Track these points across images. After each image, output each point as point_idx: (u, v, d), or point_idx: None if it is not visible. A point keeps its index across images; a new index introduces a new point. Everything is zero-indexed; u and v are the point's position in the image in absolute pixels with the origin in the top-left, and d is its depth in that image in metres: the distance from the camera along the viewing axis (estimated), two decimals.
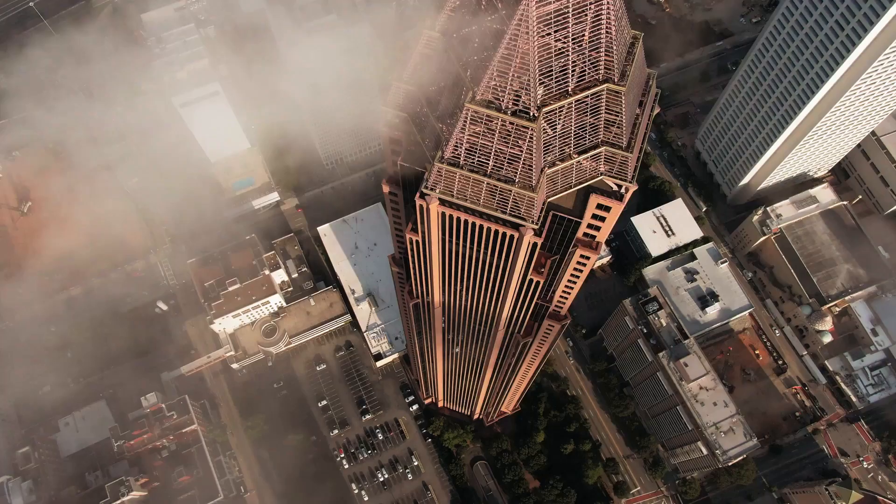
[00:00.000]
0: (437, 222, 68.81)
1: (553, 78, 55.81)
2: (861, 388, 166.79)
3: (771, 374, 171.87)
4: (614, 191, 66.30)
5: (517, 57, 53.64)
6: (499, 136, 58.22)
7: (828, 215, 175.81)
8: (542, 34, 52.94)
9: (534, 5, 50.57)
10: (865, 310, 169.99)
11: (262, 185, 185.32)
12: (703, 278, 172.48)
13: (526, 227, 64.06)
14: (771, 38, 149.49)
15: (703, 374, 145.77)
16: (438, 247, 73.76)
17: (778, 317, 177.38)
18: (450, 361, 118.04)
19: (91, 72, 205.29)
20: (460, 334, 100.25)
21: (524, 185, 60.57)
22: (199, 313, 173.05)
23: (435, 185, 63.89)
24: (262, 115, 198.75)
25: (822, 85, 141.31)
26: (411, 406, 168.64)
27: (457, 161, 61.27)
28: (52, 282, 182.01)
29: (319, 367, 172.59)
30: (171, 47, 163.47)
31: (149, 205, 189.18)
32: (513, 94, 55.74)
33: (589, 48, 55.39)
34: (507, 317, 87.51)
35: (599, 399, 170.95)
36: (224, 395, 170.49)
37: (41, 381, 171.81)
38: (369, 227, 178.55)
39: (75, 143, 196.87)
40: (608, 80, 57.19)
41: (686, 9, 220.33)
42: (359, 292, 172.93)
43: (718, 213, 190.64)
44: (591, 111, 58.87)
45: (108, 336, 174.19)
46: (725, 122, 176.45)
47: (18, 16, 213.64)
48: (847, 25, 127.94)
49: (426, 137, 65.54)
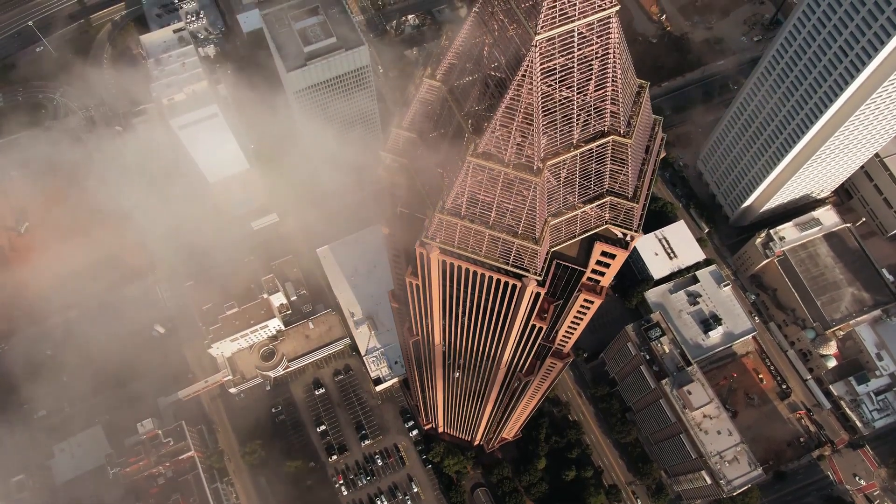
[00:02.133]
0: (438, 269, 67.25)
1: (557, 130, 54.38)
2: (866, 414, 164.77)
3: (775, 399, 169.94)
4: (619, 238, 64.84)
5: (520, 109, 52.23)
6: (501, 188, 56.72)
7: (831, 238, 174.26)
8: (546, 86, 51.57)
9: (538, 59, 49.19)
10: (870, 334, 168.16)
11: (260, 205, 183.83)
12: (705, 301, 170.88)
13: (529, 277, 62.46)
14: (774, 61, 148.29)
15: (707, 402, 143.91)
16: (439, 292, 72.17)
17: (781, 340, 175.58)
18: (450, 392, 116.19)
19: (90, 91, 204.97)
20: (461, 370, 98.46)
21: (527, 238, 59.02)
22: (196, 336, 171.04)
23: (435, 235, 62.34)
24: (262, 135, 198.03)
25: (827, 108, 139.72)
26: (411, 431, 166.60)
27: (458, 211, 59.75)
28: (49, 303, 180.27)
29: (318, 391, 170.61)
30: (169, 69, 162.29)
31: (147, 226, 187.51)
32: (515, 146, 54.31)
33: (594, 99, 54.00)
34: (508, 358, 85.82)
35: (601, 424, 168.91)
36: (221, 420, 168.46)
37: (37, 406, 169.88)
38: (369, 248, 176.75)
39: (73, 161, 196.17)
40: (614, 132, 55.78)
41: (687, 27, 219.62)
42: (358, 315, 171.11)
43: (721, 235, 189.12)
44: (596, 162, 57.44)
45: (105, 359, 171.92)
46: (728, 144, 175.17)
47: (17, 34, 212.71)
48: (854, 48, 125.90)
49: (426, 184, 64.06)
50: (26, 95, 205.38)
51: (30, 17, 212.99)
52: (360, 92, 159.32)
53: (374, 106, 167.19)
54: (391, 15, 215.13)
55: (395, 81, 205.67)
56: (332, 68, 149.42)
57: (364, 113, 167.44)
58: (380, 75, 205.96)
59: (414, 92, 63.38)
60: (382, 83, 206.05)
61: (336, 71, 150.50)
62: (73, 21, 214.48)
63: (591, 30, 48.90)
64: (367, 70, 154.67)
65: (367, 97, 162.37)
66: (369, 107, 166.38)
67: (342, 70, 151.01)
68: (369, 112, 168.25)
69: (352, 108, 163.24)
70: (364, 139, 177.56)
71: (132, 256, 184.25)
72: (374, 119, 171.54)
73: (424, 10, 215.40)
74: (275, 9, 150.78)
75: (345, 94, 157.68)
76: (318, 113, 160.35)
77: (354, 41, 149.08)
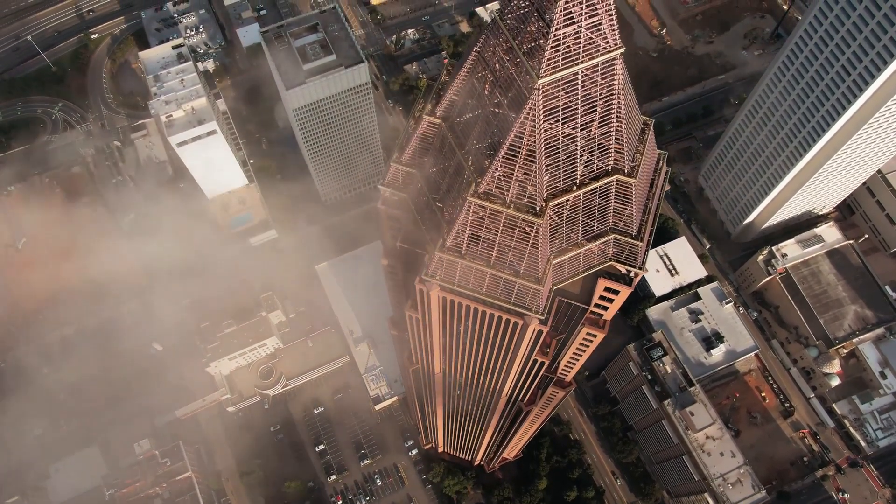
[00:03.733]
0: (438, 305, 65.98)
1: (560, 169, 53.31)
2: (870, 433, 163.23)
3: (778, 418, 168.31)
4: (623, 274, 63.69)
5: (523, 150, 51.18)
6: (503, 228, 55.58)
7: (834, 255, 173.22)
8: (549, 126, 50.49)
9: (541, 101, 48.12)
10: (873, 352, 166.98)
11: (259, 222, 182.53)
12: (707, 319, 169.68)
13: (531, 316, 61.19)
14: (776, 78, 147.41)
15: (710, 423, 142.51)
16: (439, 326, 70.90)
17: (784, 358, 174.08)
18: (450, 417, 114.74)
19: (89, 106, 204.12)
20: (460, 390, 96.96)
21: (529, 278, 57.82)
22: (194, 354, 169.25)
23: (435, 273, 61.14)
24: (261, 151, 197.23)
25: (830, 126, 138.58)
26: (410, 451, 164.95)
27: (458, 250, 58.58)
28: (46, 320, 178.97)
29: (317, 409, 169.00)
30: (168, 85, 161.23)
31: (145, 242, 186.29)
32: (517, 186, 53.19)
33: (598, 138, 52.92)
34: (509, 390, 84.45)
35: (603, 443, 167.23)
36: (219, 440, 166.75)
37: (33, 424, 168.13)
38: (368, 265, 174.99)
39: (71, 178, 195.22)
40: (618, 171, 54.68)
41: (688, 41, 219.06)
42: (357, 333, 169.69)
43: (722, 251, 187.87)
44: (600, 200, 56.30)
45: (102, 377, 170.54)
46: (729, 160, 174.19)
47: (16, 48, 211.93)
48: (857, 67, 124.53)
49: (426, 220, 62.90)
50: (25, 110, 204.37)
51: (29, 31, 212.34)
52: (360, 108, 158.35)
53: (374, 122, 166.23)
54: (391, 29, 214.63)
55: (396, 96, 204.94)
56: (331, 86, 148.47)
57: (364, 129, 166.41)
58: (380, 90, 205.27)
59: (413, 125, 62.31)
60: (382, 98, 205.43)
61: (335, 88, 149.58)
62: (73, 35, 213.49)
63: (595, 71, 47.88)
64: (367, 87, 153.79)
65: (367, 113, 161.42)
66: (369, 123, 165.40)
67: (342, 87, 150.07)
68: (369, 128, 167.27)
69: (352, 124, 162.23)
70: (364, 154, 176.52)
71: (130, 273, 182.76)
72: (374, 135, 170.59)
73: (424, 25, 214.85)
74: (274, 26, 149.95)
75: (345, 110, 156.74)
76: (319, 129, 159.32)
77: (354, 58, 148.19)
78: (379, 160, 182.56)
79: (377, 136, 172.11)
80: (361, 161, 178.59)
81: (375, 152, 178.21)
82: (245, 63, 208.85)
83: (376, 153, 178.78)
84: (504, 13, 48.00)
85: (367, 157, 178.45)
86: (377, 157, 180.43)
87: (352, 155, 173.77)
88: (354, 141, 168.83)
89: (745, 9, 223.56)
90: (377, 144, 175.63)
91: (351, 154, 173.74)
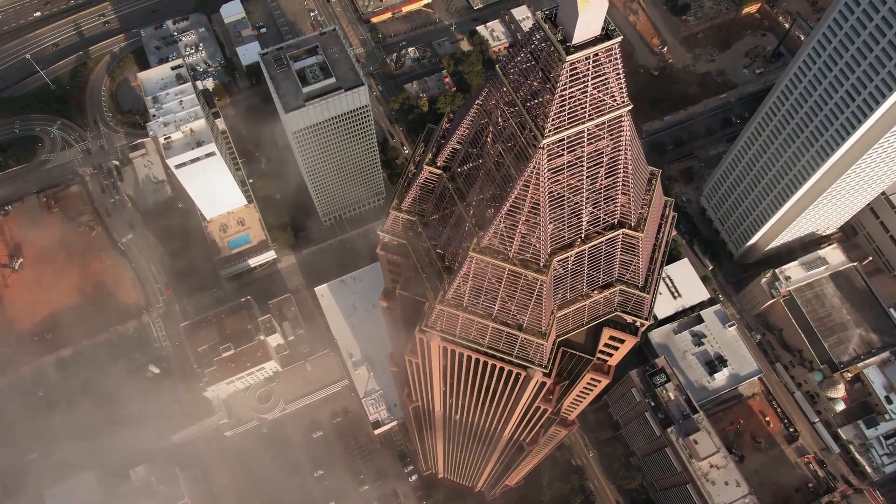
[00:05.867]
0: (439, 354, 64.34)
1: (565, 224, 51.75)
2: (876, 458, 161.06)
3: (782, 443, 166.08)
4: (629, 323, 62.08)
5: (526, 205, 49.63)
6: (505, 283, 54.04)
7: (838, 277, 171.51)
8: (554, 183, 48.98)
9: (546, 159, 46.65)
10: (879, 376, 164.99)
11: (258, 242, 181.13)
12: (710, 342, 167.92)
13: (534, 369, 59.54)
14: (780, 101, 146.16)
15: (714, 451, 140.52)
16: (440, 372, 69.21)
17: (788, 382, 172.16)
18: (451, 451, 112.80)
19: (88, 124, 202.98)
20: (461, 436, 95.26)
21: (533, 332, 56.18)
22: (191, 377, 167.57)
23: (435, 323, 59.51)
24: (260, 170, 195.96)
25: (836, 149, 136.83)
26: (410, 476, 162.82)
27: (460, 302, 57.00)
28: (43, 342, 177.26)
29: (316, 434, 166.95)
30: (167, 107, 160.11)
31: (143, 263, 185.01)
32: (521, 242, 51.61)
33: (604, 191, 51.39)
34: (510, 432, 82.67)
35: (605, 469, 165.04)
36: (217, 465, 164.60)
37: (28, 448, 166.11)
38: (368, 287, 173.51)
39: (69, 197, 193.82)
40: (625, 225, 53.16)
41: (689, 59, 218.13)
42: (357, 356, 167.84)
43: (725, 272, 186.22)
44: (606, 254, 54.76)
45: (98, 400, 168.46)
46: (732, 182, 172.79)
47: (14, 66, 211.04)
48: (867, 86, 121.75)
49: (426, 267, 61.34)
50: (23, 128, 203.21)
51: (27, 49, 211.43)
52: (360, 130, 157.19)
53: (373, 143, 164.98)
54: (391, 48, 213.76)
55: (396, 115, 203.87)
56: (331, 109, 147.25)
57: (364, 150, 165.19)
58: (380, 109, 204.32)
59: (413, 171, 60.91)
60: (382, 116, 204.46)
61: (335, 111, 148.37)
62: (72, 53, 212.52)
63: (602, 128, 46.44)
64: (367, 109, 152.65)
65: (366, 135, 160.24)
66: (369, 144, 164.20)
67: (341, 110, 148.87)
68: (369, 150, 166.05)
69: (352, 146, 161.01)
70: (364, 175, 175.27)
71: (127, 294, 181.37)
72: (373, 156, 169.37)
73: (425, 43, 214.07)
74: (273, 49, 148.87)
75: (344, 133, 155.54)
76: (318, 151, 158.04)
77: (354, 81, 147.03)
78: (379, 181, 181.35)
79: (377, 157, 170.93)
80: (361, 182, 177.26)
81: (375, 173, 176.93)
82: (245, 81, 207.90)
83: (376, 174, 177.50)
84: (507, 67, 46.56)
85: (367, 179, 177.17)
86: (377, 178, 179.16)
87: (352, 176, 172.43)
88: (354, 162, 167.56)
89: (747, 27, 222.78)
90: (377, 165, 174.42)
91: (351, 175, 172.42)
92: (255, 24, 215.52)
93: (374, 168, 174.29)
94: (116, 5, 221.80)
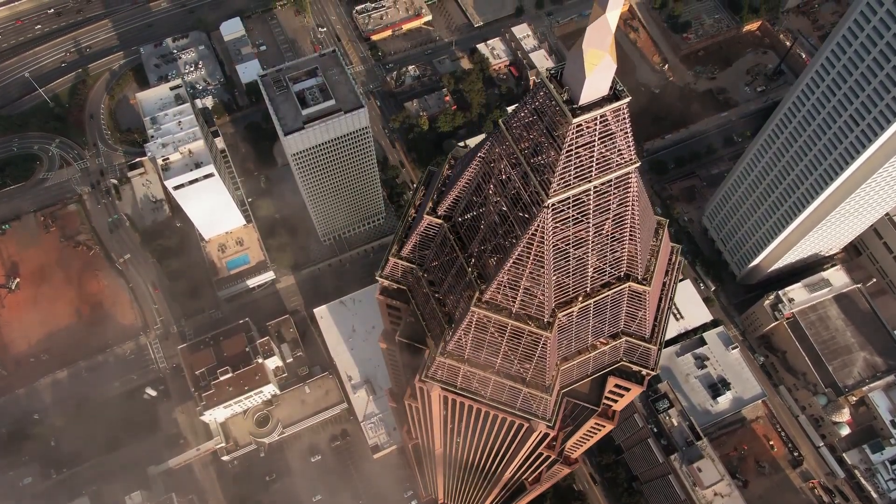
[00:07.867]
0: (439, 402, 62.71)
1: (570, 279, 50.29)
2: (882, 484, 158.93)
3: (786, 467, 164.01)
4: (634, 372, 60.51)
5: (530, 260, 48.19)
6: (508, 338, 52.50)
7: (842, 299, 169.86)
8: (558, 239, 47.55)
9: (550, 217, 45.20)
10: (884, 400, 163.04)
11: (257, 263, 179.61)
12: (713, 365, 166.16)
13: (538, 421, 57.90)
14: (783, 124, 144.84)
15: (718, 480, 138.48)
16: (440, 419, 67.53)
17: (792, 405, 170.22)
18: (451, 484, 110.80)
19: (87, 142, 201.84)
20: (462, 472, 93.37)
21: (537, 386, 54.60)
22: (188, 400, 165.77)
23: (436, 374, 57.93)
24: (259, 189, 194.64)
25: (841, 172, 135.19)
26: (410, 502, 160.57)
27: (461, 355, 55.43)
28: (38, 363, 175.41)
29: (314, 458, 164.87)
30: (165, 128, 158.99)
31: (140, 283, 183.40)
32: (524, 297, 50.12)
33: (611, 247, 49.94)
34: (512, 473, 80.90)
35: (607, 494, 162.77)
36: (213, 490, 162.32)
37: (23, 472, 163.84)
38: (368, 308, 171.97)
39: (67, 216, 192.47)
40: (630, 277, 51.69)
41: (690, 77, 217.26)
42: (356, 379, 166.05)
43: (728, 293, 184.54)
44: (611, 307, 53.26)
45: (94, 423, 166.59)
46: (735, 202, 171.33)
47: (13, 84, 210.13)
48: (872, 111, 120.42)
49: (426, 314, 59.83)
50: (21, 146, 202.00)
51: (26, 67, 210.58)
52: (360, 152, 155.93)
53: (373, 164, 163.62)
54: (391, 66, 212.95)
55: (396, 134, 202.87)
56: (330, 131, 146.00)
57: (364, 171, 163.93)
58: (379, 128, 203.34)
59: (413, 215, 59.51)
60: (382, 135, 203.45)
61: (335, 133, 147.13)
62: (71, 70, 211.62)
63: (608, 185, 45.05)
64: (367, 131, 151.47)
65: (366, 156, 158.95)
66: (369, 165, 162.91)
67: (341, 132, 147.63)
68: (369, 170, 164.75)
69: (351, 167, 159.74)
70: (364, 196, 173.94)
71: (124, 315, 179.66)
72: (373, 177, 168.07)
73: (425, 61, 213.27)
74: (272, 70, 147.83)
75: (344, 154, 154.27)
76: (318, 173, 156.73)
77: (353, 103, 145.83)
78: (379, 201, 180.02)
79: (377, 177, 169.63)
80: (361, 202, 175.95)
81: (375, 193, 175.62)
82: (244, 99, 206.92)
83: (376, 194, 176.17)
84: (510, 123, 45.20)
85: (367, 198, 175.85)
86: (377, 197, 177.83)
87: (351, 196, 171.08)
88: (354, 183, 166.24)
89: (748, 44, 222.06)
90: (377, 185, 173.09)
91: (351, 195, 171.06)
92: (254, 42, 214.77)
93: (373, 188, 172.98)
94: (116, 23, 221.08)
